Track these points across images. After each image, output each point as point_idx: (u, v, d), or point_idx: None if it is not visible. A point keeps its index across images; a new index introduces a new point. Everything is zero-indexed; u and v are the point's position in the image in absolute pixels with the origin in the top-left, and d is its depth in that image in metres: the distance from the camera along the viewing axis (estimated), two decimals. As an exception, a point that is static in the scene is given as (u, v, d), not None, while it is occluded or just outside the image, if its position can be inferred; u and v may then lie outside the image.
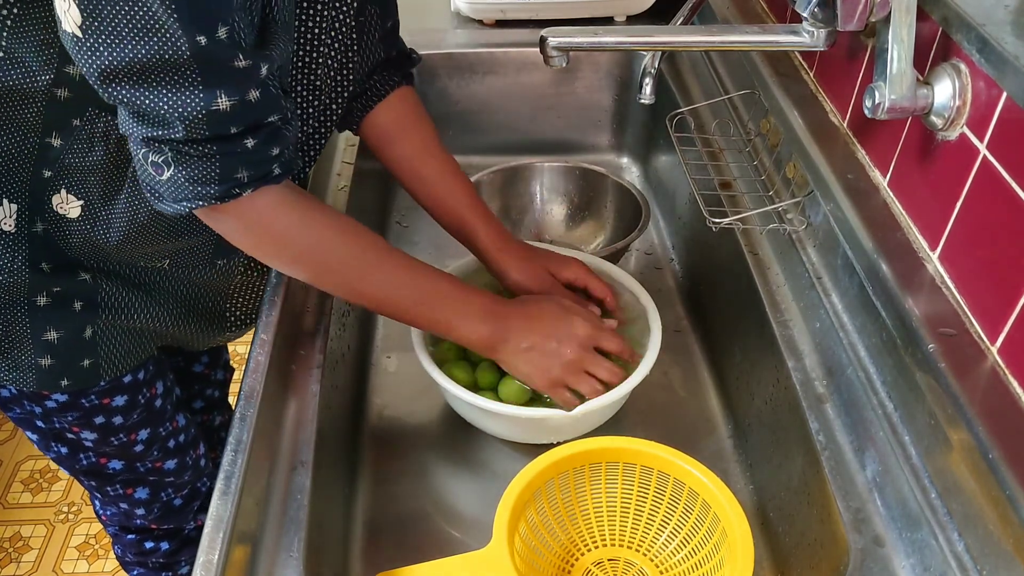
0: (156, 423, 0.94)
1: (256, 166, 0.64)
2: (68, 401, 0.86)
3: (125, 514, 1.05)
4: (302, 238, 0.70)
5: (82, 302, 0.81)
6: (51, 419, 0.89)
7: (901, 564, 0.61)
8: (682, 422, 0.93)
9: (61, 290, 0.79)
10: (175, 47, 0.56)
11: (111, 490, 0.99)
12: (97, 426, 0.89)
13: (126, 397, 0.89)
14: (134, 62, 0.57)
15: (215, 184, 0.63)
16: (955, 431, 0.59)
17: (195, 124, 0.60)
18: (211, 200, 0.64)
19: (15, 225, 0.75)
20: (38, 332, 0.80)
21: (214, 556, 0.58)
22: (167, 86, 0.58)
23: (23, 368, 0.81)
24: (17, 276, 0.77)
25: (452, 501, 0.85)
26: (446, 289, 0.78)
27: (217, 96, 0.59)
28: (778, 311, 0.82)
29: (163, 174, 0.63)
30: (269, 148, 0.65)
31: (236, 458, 0.65)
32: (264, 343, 0.75)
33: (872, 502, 0.65)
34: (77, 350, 0.82)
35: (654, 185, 1.28)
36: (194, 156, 0.62)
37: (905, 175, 0.75)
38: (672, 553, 0.73)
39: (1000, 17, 0.62)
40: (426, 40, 1.30)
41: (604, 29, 0.77)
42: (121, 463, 0.96)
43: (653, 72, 0.90)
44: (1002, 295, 0.61)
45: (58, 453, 0.94)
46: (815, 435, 0.70)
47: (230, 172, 0.63)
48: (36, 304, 0.79)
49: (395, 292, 0.76)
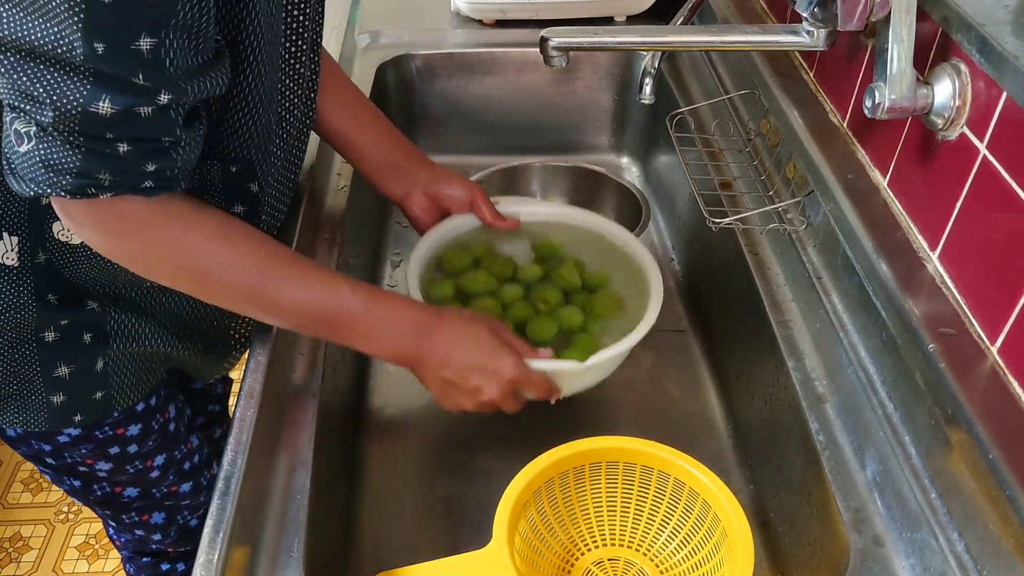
0: (171, 447, 0.93)
1: (123, 174, 0.59)
2: (81, 434, 0.84)
3: (141, 540, 1.03)
4: (179, 248, 0.65)
5: (92, 333, 0.78)
6: (62, 455, 0.86)
7: (901, 564, 0.61)
8: (682, 422, 0.93)
9: (69, 322, 0.77)
10: (70, 45, 0.52)
11: (127, 518, 0.97)
12: (112, 456, 0.88)
13: (140, 425, 0.87)
14: (24, 40, 0.53)
15: (69, 176, 0.58)
16: (955, 431, 0.59)
17: (67, 116, 0.55)
18: (60, 191, 0.58)
19: (18, 258, 0.72)
20: (48, 369, 0.77)
21: (214, 556, 0.58)
22: (52, 70, 0.54)
23: (34, 409, 0.79)
24: (24, 312, 0.74)
25: (452, 501, 0.85)
26: (364, 302, 0.71)
27: (100, 98, 0.54)
28: (778, 311, 0.82)
29: (22, 146, 0.57)
30: (145, 161, 0.59)
31: (236, 458, 0.65)
32: (264, 343, 0.75)
33: (872, 502, 0.65)
34: (89, 383, 0.80)
35: (654, 185, 1.28)
36: (57, 141, 0.56)
37: (905, 175, 0.75)
38: (672, 553, 0.73)
39: (1000, 17, 0.62)
40: (426, 40, 1.30)
41: (604, 29, 0.77)
42: (137, 490, 0.94)
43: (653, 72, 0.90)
44: (1002, 295, 0.61)
45: (71, 486, 0.92)
46: (815, 435, 0.70)
47: (91, 170, 0.58)
48: (44, 340, 0.76)
49: (297, 304, 0.70)
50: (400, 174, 0.91)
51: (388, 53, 1.27)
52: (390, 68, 1.27)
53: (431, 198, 0.91)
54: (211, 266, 0.67)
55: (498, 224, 0.91)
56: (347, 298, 0.70)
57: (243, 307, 0.71)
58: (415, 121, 1.33)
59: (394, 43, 1.29)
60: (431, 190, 0.91)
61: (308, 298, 0.70)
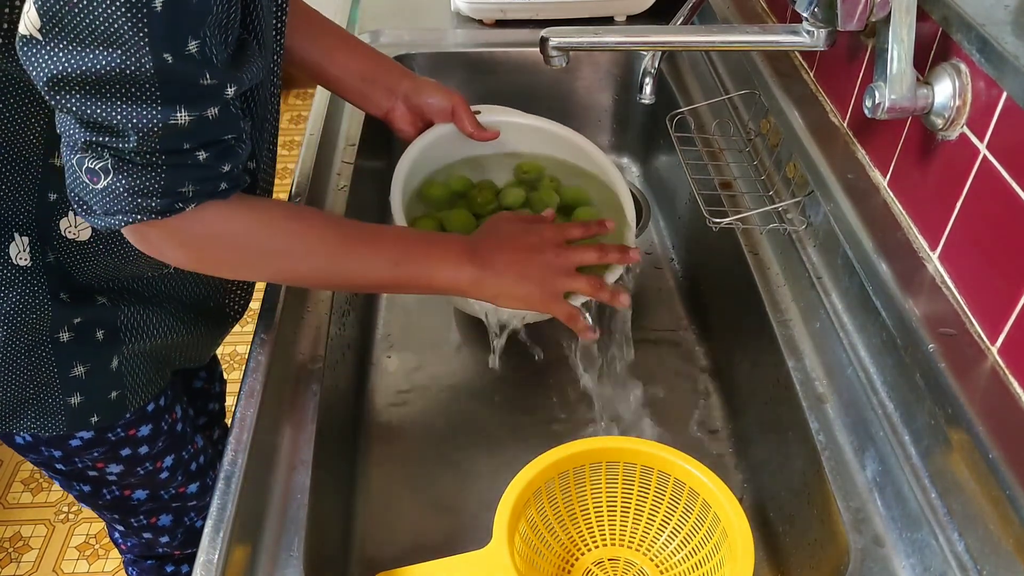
0: (179, 448, 0.93)
1: (203, 181, 0.62)
2: (93, 437, 0.84)
3: (148, 544, 1.04)
4: (263, 235, 0.68)
5: (104, 330, 0.79)
6: (73, 460, 0.87)
7: (901, 564, 0.61)
8: (682, 422, 0.93)
9: (82, 320, 0.77)
10: (138, 63, 0.54)
11: (135, 521, 0.98)
12: (123, 458, 0.88)
13: (150, 426, 0.88)
14: (91, 72, 0.54)
15: (157, 197, 0.60)
16: (955, 431, 0.59)
17: (150, 136, 0.57)
18: (150, 214, 0.60)
19: (30, 259, 0.73)
20: (65, 370, 0.78)
21: (214, 556, 0.58)
22: (123, 99, 0.56)
23: (52, 412, 0.79)
24: (41, 312, 0.75)
25: (452, 501, 0.85)
26: (420, 244, 0.76)
27: (176, 111, 0.57)
28: (778, 311, 0.82)
29: (99, 182, 0.59)
30: (220, 164, 0.62)
31: (236, 458, 0.65)
32: (264, 343, 0.75)
33: (872, 502, 0.65)
34: (105, 383, 0.81)
35: (654, 185, 1.28)
36: (138, 166, 0.58)
37: (905, 175, 0.75)
38: (672, 553, 0.73)
39: (1000, 17, 0.62)
40: (426, 40, 1.30)
41: (604, 29, 0.77)
42: (146, 492, 0.95)
43: (653, 72, 0.90)
44: (1002, 295, 0.61)
45: (81, 491, 0.92)
46: (815, 435, 0.70)
47: (175, 185, 0.60)
48: (59, 340, 0.77)
49: (373, 262, 0.73)
50: (377, 87, 0.91)
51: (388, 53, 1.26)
52: (390, 68, 1.27)
53: (412, 110, 0.93)
54: (293, 245, 0.69)
55: (478, 135, 0.92)
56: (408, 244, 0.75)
57: (322, 276, 0.74)
58: (415, 121, 1.33)
59: (394, 43, 1.29)
60: (412, 101, 0.92)
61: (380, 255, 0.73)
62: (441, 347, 1.01)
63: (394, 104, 0.92)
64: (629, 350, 0.93)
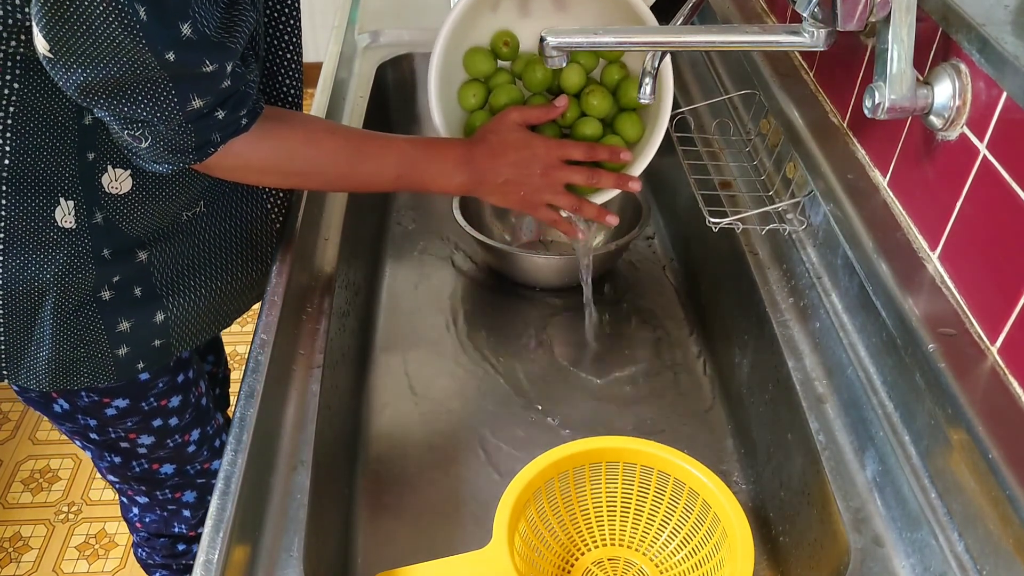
0: (204, 422, 0.98)
1: (227, 127, 0.71)
2: (128, 406, 0.89)
3: (167, 520, 1.07)
4: (284, 160, 0.77)
5: (140, 287, 0.83)
6: (107, 429, 0.91)
7: (901, 564, 0.61)
8: (682, 422, 0.93)
9: (121, 278, 0.81)
10: (145, 65, 0.61)
11: (160, 495, 1.02)
12: (155, 429, 0.92)
13: (180, 397, 0.93)
14: (108, 79, 0.62)
15: (191, 151, 0.70)
16: (955, 431, 0.59)
17: (174, 119, 0.66)
18: (189, 162, 0.71)
19: (75, 221, 0.76)
20: (112, 326, 0.82)
21: (214, 556, 0.58)
22: (143, 97, 0.64)
23: (102, 365, 0.84)
24: (84, 272, 0.79)
25: (452, 500, 0.85)
26: (420, 154, 0.83)
27: (190, 98, 0.65)
28: (778, 311, 0.82)
29: (141, 144, 0.68)
30: (238, 111, 0.70)
31: (236, 458, 0.65)
32: (264, 343, 0.75)
33: (872, 502, 0.65)
34: (148, 334, 0.85)
35: (654, 185, 1.28)
36: (171, 134, 0.67)
37: (905, 175, 0.75)
38: (672, 553, 0.73)
39: (1000, 17, 0.62)
40: (426, 40, 1.30)
41: (604, 29, 0.77)
42: (173, 467, 0.99)
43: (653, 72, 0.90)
44: (1002, 295, 0.61)
45: (111, 463, 0.96)
46: (815, 435, 0.70)
47: (204, 139, 0.70)
48: (103, 299, 0.81)
49: (379, 174, 0.82)
50: None
51: (388, 53, 1.27)
52: (390, 68, 1.27)
53: None
54: (310, 166, 0.79)
55: None
56: (410, 156, 0.82)
57: (336, 186, 0.90)
58: (415, 121, 1.33)
59: (394, 43, 1.29)
60: None
61: (385, 167, 0.81)
62: (441, 347, 1.01)
63: None
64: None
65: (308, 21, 2.89)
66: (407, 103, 1.32)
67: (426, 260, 1.15)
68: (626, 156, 0.88)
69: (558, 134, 0.92)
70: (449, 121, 0.91)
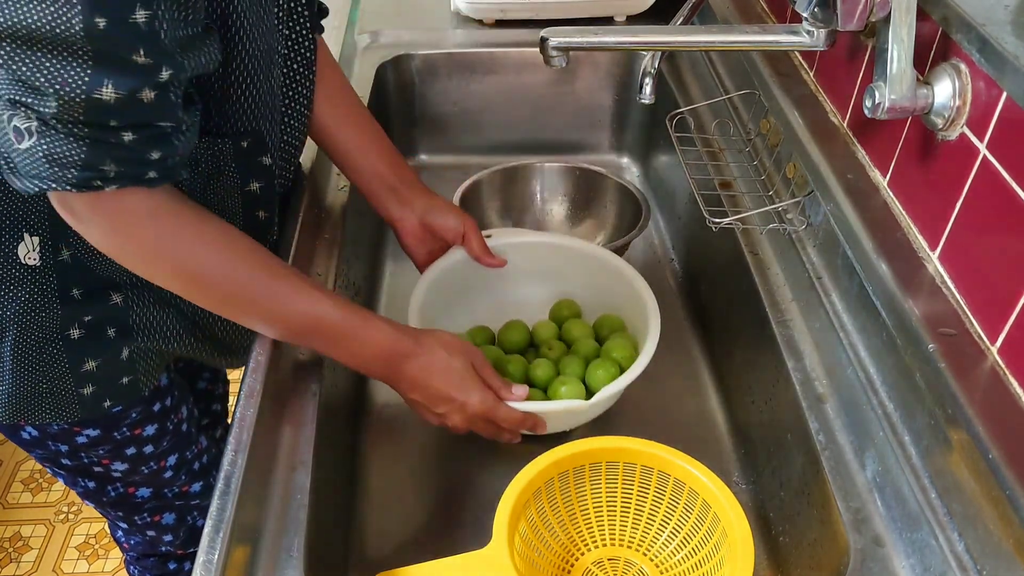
0: (183, 447, 0.94)
1: (128, 163, 0.59)
2: (100, 436, 0.85)
3: (151, 542, 1.04)
4: (181, 249, 0.66)
5: (115, 328, 0.79)
6: (79, 455, 0.87)
7: (901, 564, 0.61)
8: (682, 422, 0.93)
9: (92, 319, 0.77)
10: (68, 22, 0.51)
11: (139, 519, 0.98)
12: (128, 456, 0.89)
13: (156, 425, 0.89)
14: (21, 25, 0.52)
15: (75, 169, 0.57)
16: (955, 431, 0.59)
17: (71, 105, 0.55)
18: (66, 185, 0.58)
19: (40, 258, 0.73)
20: (76, 365, 0.78)
21: (214, 556, 0.58)
22: (52, 56, 0.53)
23: (66, 403, 0.80)
24: (49, 311, 0.75)
25: (452, 500, 0.85)
26: (341, 327, 0.72)
27: (103, 84, 0.54)
28: (778, 311, 0.82)
29: (22, 142, 0.57)
30: (149, 150, 0.59)
31: (236, 458, 0.65)
32: (264, 343, 0.75)
33: (872, 502, 0.65)
34: (116, 371, 0.81)
35: (654, 185, 1.28)
36: (60, 133, 0.56)
37: (905, 175, 0.75)
38: (672, 553, 0.73)
39: (1000, 17, 0.62)
40: (426, 40, 1.30)
41: (604, 29, 0.77)
42: (150, 490, 0.95)
43: (653, 72, 0.90)
44: (1002, 295, 0.61)
45: (85, 488, 0.93)
46: (815, 435, 0.70)
47: (96, 161, 0.58)
48: (70, 338, 0.77)
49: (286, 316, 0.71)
50: (397, 197, 0.91)
51: (388, 53, 1.27)
52: (390, 68, 1.27)
53: (424, 227, 0.92)
54: (210, 271, 0.67)
55: (485, 260, 0.92)
56: (330, 315, 0.72)
57: (232, 313, 0.72)
58: (415, 121, 1.33)
59: (394, 43, 1.29)
60: (426, 219, 0.91)
61: (295, 312, 0.71)
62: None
63: (405, 216, 0.91)
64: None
65: (308, 21, 2.89)
66: (408, 104, 1.32)
67: (426, 260, 1.15)
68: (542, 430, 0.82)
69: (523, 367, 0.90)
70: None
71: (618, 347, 0.89)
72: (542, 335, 0.94)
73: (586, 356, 0.90)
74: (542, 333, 0.94)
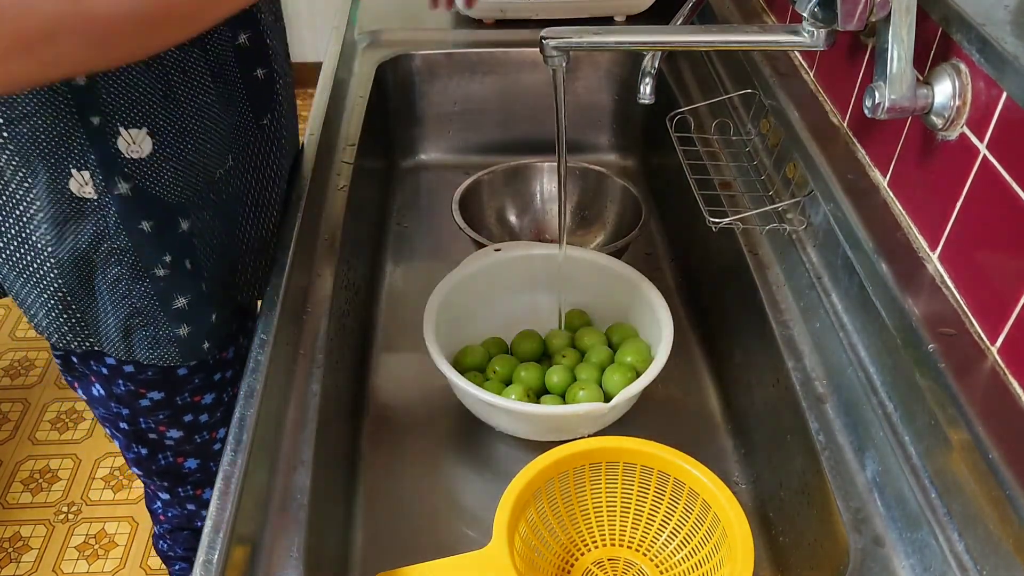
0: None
1: None
2: (163, 399, 0.89)
3: (188, 516, 1.08)
4: None
5: (189, 258, 0.81)
6: (137, 420, 0.91)
7: (901, 564, 0.61)
8: (682, 422, 0.93)
9: (171, 257, 0.80)
10: None
11: (182, 491, 1.02)
12: (185, 424, 0.93)
13: (214, 395, 0.93)
14: None
15: None
16: (955, 431, 0.59)
17: None
18: None
19: (95, 191, 0.73)
20: (167, 303, 0.81)
21: (214, 556, 0.58)
22: None
23: (164, 343, 0.83)
24: (119, 242, 0.76)
25: (452, 501, 0.85)
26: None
27: None
28: (778, 311, 0.82)
29: None
30: None
31: (236, 458, 0.65)
32: (264, 343, 0.75)
33: (872, 502, 0.65)
34: (204, 307, 0.84)
35: (654, 185, 1.28)
36: None
37: (905, 175, 0.75)
38: (672, 553, 0.73)
39: (1000, 17, 0.62)
40: (426, 40, 1.30)
41: (604, 29, 0.77)
42: (197, 462, 0.99)
43: (653, 72, 0.90)
44: (1002, 295, 0.61)
45: (137, 454, 0.97)
46: (815, 435, 0.70)
47: None
48: (156, 276, 0.80)
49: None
50: None
51: (388, 53, 1.27)
52: (390, 68, 1.27)
53: None
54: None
55: None
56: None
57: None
58: (415, 121, 1.33)
59: (394, 43, 1.29)
60: None
61: None
62: (441, 347, 1.01)
63: None
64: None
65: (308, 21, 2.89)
66: (408, 104, 1.32)
67: (426, 260, 1.15)
68: None
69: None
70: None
71: (632, 351, 0.89)
72: (555, 344, 0.94)
73: (600, 362, 0.90)
74: (555, 342, 0.95)
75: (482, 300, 0.96)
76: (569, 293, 0.96)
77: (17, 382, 1.99)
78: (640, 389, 0.81)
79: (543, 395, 0.89)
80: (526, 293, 0.98)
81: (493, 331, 0.97)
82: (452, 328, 0.90)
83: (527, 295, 0.98)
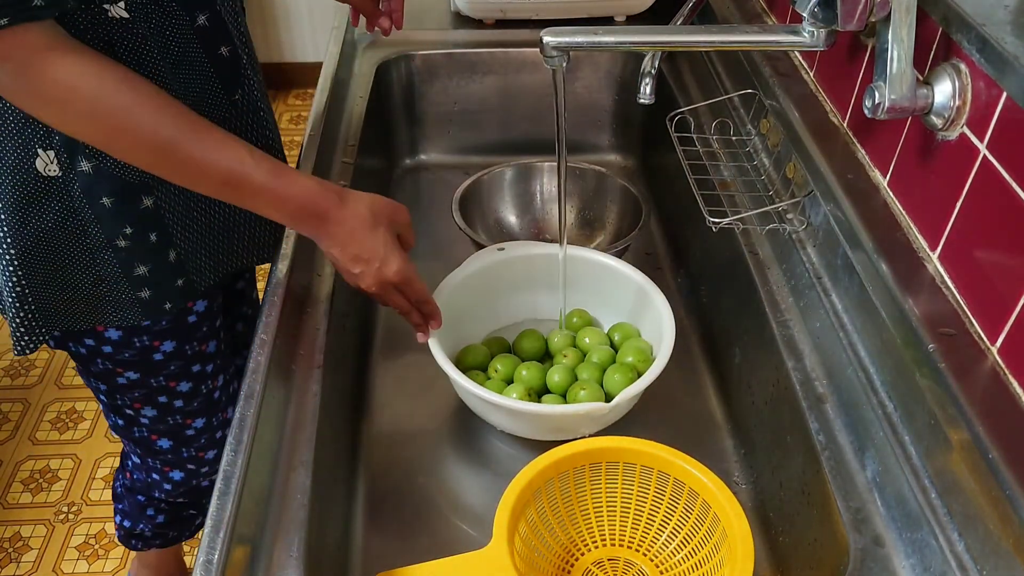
0: (211, 412, 1.01)
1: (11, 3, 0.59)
2: (138, 380, 0.93)
3: (150, 485, 1.12)
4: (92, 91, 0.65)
5: (155, 232, 0.83)
6: (114, 395, 0.96)
7: (901, 564, 0.61)
8: (682, 422, 0.93)
9: (132, 229, 0.82)
10: None
11: (151, 462, 1.06)
12: (159, 404, 0.97)
13: (191, 385, 0.96)
14: None
15: None
16: (955, 431, 0.59)
17: None
18: None
19: (60, 169, 0.76)
20: (128, 270, 0.84)
21: (214, 556, 0.58)
22: None
23: (126, 305, 0.86)
24: (82, 216, 0.79)
25: (452, 501, 0.85)
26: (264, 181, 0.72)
27: None
28: (778, 311, 0.82)
29: None
30: None
31: (236, 458, 0.65)
32: (264, 343, 0.75)
33: (872, 502, 0.65)
34: (168, 274, 0.86)
35: (654, 185, 1.28)
36: None
37: (905, 175, 0.75)
38: (672, 553, 0.73)
39: (1000, 17, 0.62)
40: (426, 40, 1.30)
41: (604, 29, 0.77)
42: (170, 443, 1.03)
43: (653, 72, 0.90)
44: (1002, 295, 0.61)
45: (115, 423, 1.02)
46: (815, 435, 0.70)
47: None
48: (118, 246, 0.82)
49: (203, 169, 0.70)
50: None
51: (388, 53, 1.27)
52: (390, 68, 1.27)
53: None
54: (121, 112, 0.66)
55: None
56: (249, 165, 0.72)
57: (151, 162, 0.71)
58: (415, 121, 1.33)
59: (394, 43, 1.29)
60: None
61: (215, 159, 0.70)
62: (441, 347, 1.01)
63: None
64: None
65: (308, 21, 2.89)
66: (408, 104, 1.32)
67: (426, 260, 1.15)
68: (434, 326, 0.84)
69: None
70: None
71: (633, 352, 0.90)
72: (557, 343, 0.94)
73: (602, 362, 0.90)
74: (557, 341, 0.95)
75: (484, 299, 0.96)
76: (571, 293, 0.96)
77: (17, 382, 1.99)
78: (641, 389, 0.81)
79: (544, 394, 0.89)
80: (528, 292, 0.98)
81: (495, 330, 0.97)
82: (454, 327, 0.90)
83: (529, 294, 0.98)
